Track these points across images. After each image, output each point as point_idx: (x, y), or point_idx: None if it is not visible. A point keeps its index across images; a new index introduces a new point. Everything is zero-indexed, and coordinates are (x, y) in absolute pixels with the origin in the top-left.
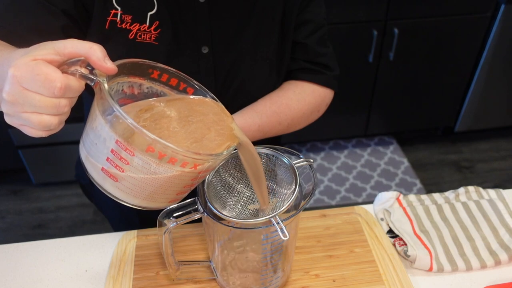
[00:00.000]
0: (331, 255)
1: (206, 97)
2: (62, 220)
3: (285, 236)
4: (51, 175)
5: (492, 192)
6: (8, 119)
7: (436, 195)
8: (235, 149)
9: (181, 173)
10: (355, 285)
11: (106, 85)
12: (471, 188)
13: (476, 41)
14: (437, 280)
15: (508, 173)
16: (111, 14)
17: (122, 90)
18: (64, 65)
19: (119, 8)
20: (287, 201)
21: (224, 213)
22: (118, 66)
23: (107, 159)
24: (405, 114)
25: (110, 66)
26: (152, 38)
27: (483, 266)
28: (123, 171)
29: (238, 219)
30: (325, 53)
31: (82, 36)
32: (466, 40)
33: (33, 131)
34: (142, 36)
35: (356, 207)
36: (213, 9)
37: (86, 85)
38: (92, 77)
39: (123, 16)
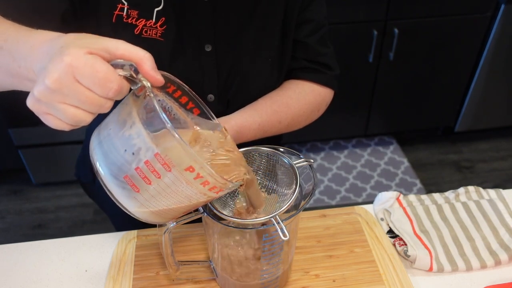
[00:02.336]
0: (331, 255)
1: (210, 120)
2: (62, 220)
3: (285, 236)
4: (51, 175)
5: (492, 192)
6: (33, 103)
7: (436, 195)
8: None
9: (204, 196)
10: (355, 285)
11: (153, 96)
12: (471, 188)
13: (476, 41)
14: (437, 280)
15: (508, 173)
16: (118, 8)
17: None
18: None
19: (125, 3)
20: (287, 201)
21: (224, 213)
22: None
23: (137, 168)
24: (405, 114)
25: (160, 78)
26: (158, 34)
27: (483, 266)
28: (150, 183)
29: (238, 219)
30: (326, 52)
31: (78, 26)
32: (466, 40)
33: (59, 123)
34: (148, 32)
35: (356, 207)
36: (216, 8)
37: None
38: (139, 82)
39: (130, 11)
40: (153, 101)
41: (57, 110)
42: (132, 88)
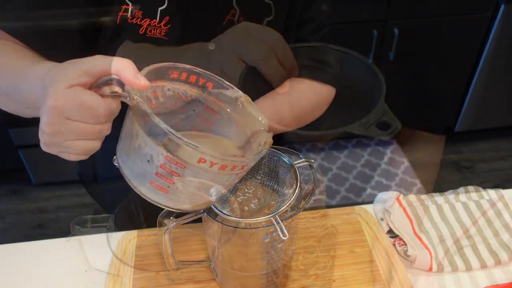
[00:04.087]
0: (331, 255)
1: (227, 89)
2: (62, 220)
3: (285, 236)
4: (51, 175)
5: (492, 192)
6: (46, 148)
7: (436, 195)
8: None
9: (232, 175)
10: (355, 285)
11: (145, 104)
12: (471, 188)
13: (476, 41)
14: (437, 280)
15: (508, 173)
16: (122, 9)
17: (146, 96)
18: (95, 87)
19: (130, 4)
20: (287, 201)
21: (224, 212)
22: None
23: (157, 173)
24: (405, 114)
25: (144, 83)
26: (163, 33)
27: (483, 266)
28: (173, 183)
29: (238, 218)
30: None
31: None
32: (466, 40)
33: (75, 156)
34: (153, 31)
35: (356, 207)
36: (219, 6)
37: None
38: (126, 94)
39: (134, 11)
40: (143, 107)
41: (66, 147)
42: (123, 100)
